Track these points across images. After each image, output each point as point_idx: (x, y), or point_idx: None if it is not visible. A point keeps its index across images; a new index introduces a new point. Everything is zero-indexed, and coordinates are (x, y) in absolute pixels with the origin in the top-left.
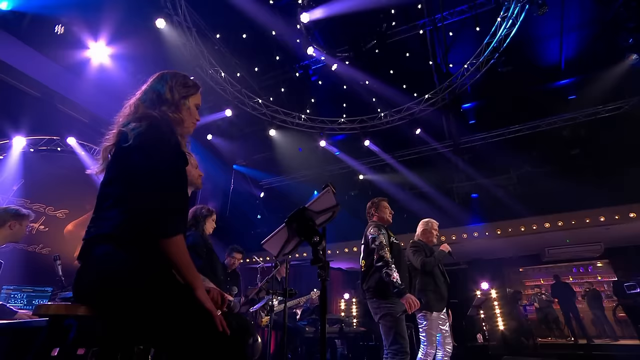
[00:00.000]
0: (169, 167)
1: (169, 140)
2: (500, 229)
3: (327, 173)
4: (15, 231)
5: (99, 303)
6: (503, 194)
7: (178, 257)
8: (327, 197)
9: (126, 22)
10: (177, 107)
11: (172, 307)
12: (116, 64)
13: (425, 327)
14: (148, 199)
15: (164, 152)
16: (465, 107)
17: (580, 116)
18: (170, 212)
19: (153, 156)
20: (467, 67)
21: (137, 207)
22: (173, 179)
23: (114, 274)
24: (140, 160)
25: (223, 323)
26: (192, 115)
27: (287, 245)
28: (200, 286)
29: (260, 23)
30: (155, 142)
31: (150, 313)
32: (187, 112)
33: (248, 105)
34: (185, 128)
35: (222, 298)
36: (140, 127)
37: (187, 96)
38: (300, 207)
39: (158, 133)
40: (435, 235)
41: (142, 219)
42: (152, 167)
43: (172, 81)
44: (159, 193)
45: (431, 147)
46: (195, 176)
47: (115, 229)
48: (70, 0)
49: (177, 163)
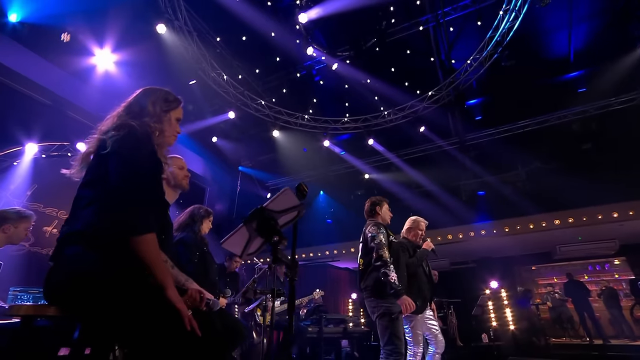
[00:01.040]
0: (142, 170)
1: (145, 146)
2: (508, 226)
3: (332, 173)
4: (11, 234)
5: (67, 304)
6: (511, 191)
7: (147, 256)
8: (287, 197)
9: (130, 29)
10: (159, 119)
11: (139, 308)
12: (121, 70)
13: (410, 327)
14: (120, 199)
15: (139, 157)
16: (471, 104)
17: (591, 109)
18: (140, 212)
19: (128, 161)
20: (470, 62)
21: (109, 206)
22: (146, 181)
23: (81, 275)
24: (116, 164)
25: (193, 323)
26: (173, 128)
27: (251, 245)
28: (171, 285)
29: (261, 25)
30: (131, 148)
31: (117, 313)
32: (168, 124)
33: (251, 107)
34: (166, 138)
35: (201, 297)
36: (118, 134)
37: (169, 110)
38: (258, 206)
39: (135, 140)
40: (421, 236)
41: (113, 217)
42: (127, 170)
43: (154, 96)
44: (131, 193)
45: (436, 144)
46: (180, 177)
47: (87, 226)
48: (76, 9)
49: (151, 168)
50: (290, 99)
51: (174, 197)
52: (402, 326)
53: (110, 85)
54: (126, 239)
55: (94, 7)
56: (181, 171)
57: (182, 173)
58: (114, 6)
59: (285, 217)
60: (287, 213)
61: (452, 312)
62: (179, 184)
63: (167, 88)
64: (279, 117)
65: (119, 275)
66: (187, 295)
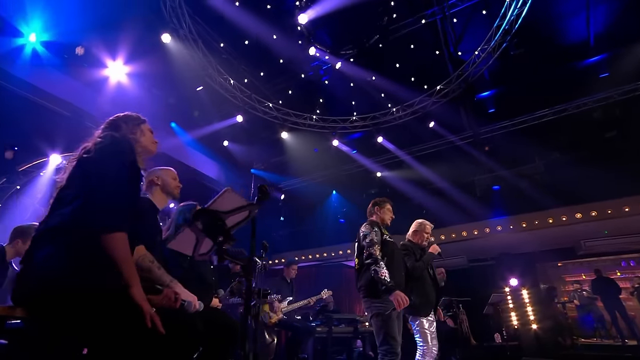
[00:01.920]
0: (119, 174)
1: (125, 154)
2: (525, 221)
3: (344, 172)
4: (19, 249)
5: (35, 308)
6: (528, 184)
7: (116, 253)
8: (230, 197)
9: (139, 40)
10: (133, 133)
11: (104, 308)
12: (133, 82)
13: (419, 329)
14: (97, 198)
15: (118, 162)
16: (484, 96)
17: (615, 94)
18: (112, 211)
19: (108, 165)
20: (478, 53)
21: (85, 205)
22: (121, 184)
23: (51, 282)
24: (96, 167)
25: (155, 320)
26: (149, 137)
27: (202, 246)
28: (136, 284)
29: (263, 28)
30: (112, 154)
31: (84, 315)
32: (142, 135)
33: (259, 110)
34: (145, 147)
35: (175, 297)
36: (103, 142)
37: (139, 124)
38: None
39: (116, 147)
40: (427, 238)
41: (87, 215)
42: (105, 173)
43: (122, 117)
44: (106, 194)
45: (448, 140)
46: (172, 186)
47: (62, 223)
48: (88, 25)
49: (129, 173)
50: (297, 100)
51: (164, 203)
52: (397, 326)
53: (123, 95)
54: (97, 236)
55: (105, 22)
56: (174, 181)
57: (174, 183)
58: (123, 19)
59: (234, 217)
60: (236, 213)
61: (462, 310)
62: (171, 193)
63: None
64: (287, 119)
65: (86, 278)
66: (162, 296)
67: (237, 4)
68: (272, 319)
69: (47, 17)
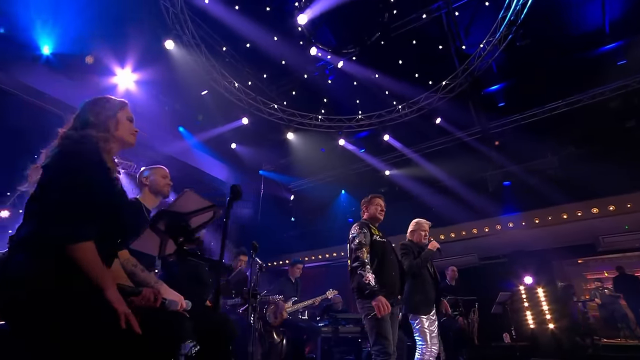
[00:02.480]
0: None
1: (84, 157)
2: (538, 217)
3: (353, 171)
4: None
5: (6, 313)
6: (540, 180)
7: (83, 262)
8: (191, 198)
9: (144, 48)
10: (104, 127)
11: (75, 311)
12: (140, 88)
13: (419, 327)
14: (56, 209)
15: (75, 168)
16: (492, 90)
17: (634, 82)
18: (75, 221)
19: (64, 172)
20: (483, 46)
21: (47, 216)
22: (80, 191)
23: (21, 288)
24: (52, 175)
25: (131, 321)
26: (127, 128)
27: (166, 246)
28: (109, 287)
29: (263, 30)
30: (68, 160)
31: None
32: (118, 126)
33: (264, 112)
34: (121, 139)
35: (155, 297)
36: (56, 148)
37: (114, 114)
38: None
39: (72, 152)
40: (425, 236)
41: (50, 227)
42: (62, 181)
43: (95, 106)
44: (66, 204)
45: (456, 136)
46: (161, 185)
47: (30, 235)
48: (97, 34)
49: (90, 177)
50: (302, 101)
51: (154, 203)
52: (389, 326)
53: (132, 103)
54: (63, 246)
55: (112, 31)
56: (163, 179)
57: (163, 181)
58: (129, 28)
59: (198, 218)
60: (199, 214)
61: (475, 309)
62: (160, 191)
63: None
64: (292, 119)
65: (58, 284)
66: (141, 296)
67: (237, 8)
68: (277, 320)
69: (58, 29)
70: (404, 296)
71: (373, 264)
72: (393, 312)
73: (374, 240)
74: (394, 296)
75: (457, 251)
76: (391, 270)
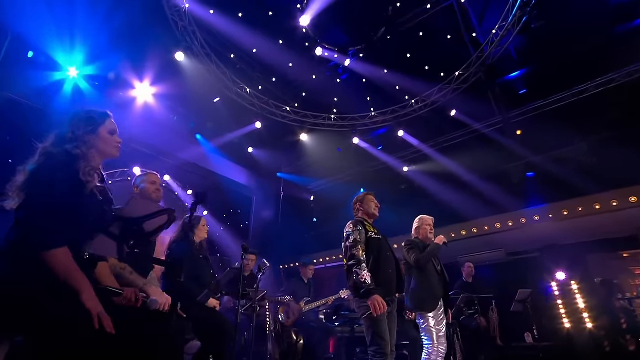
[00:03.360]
0: (54, 194)
1: (59, 172)
2: (567, 209)
3: (371, 169)
4: None
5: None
6: (568, 168)
7: (57, 268)
8: (139, 204)
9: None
10: (83, 142)
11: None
12: (158, 100)
13: (425, 326)
14: (31, 220)
15: (49, 183)
16: (512, 77)
17: None
18: (48, 229)
19: (39, 187)
20: (496, 32)
21: (24, 227)
22: (53, 202)
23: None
24: (29, 190)
25: (104, 321)
26: (108, 142)
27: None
28: (84, 290)
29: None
30: (42, 175)
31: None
32: (99, 141)
33: (277, 115)
34: (103, 152)
35: (136, 298)
36: (34, 164)
37: (95, 129)
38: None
39: (47, 167)
40: (430, 231)
41: (26, 237)
42: (37, 195)
43: (76, 120)
44: (40, 215)
45: (474, 128)
46: (150, 191)
47: (10, 245)
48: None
49: (58, 189)
50: (313, 102)
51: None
52: (387, 326)
53: (151, 114)
54: (37, 254)
55: (129, 48)
56: (152, 186)
57: (152, 187)
58: (144, 44)
59: (152, 223)
60: (153, 218)
61: (494, 307)
62: (149, 197)
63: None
64: (305, 121)
65: (36, 289)
66: (122, 297)
67: (240, 15)
68: (290, 320)
69: (82, 52)
70: (409, 293)
71: (369, 261)
72: (391, 311)
73: (369, 237)
74: (391, 294)
75: (480, 247)
76: (388, 268)
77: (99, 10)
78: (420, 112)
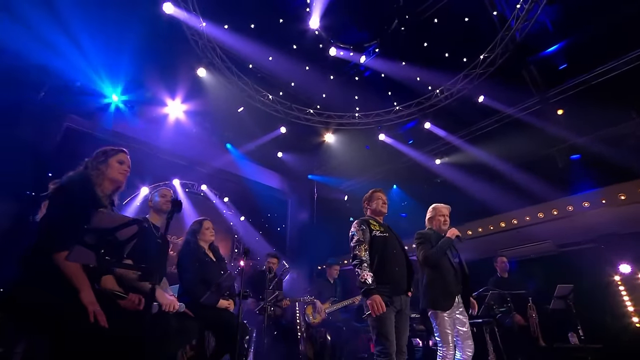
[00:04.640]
0: (61, 205)
1: (70, 187)
2: (624, 192)
3: (403, 165)
4: None
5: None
6: (622, 147)
7: (63, 268)
8: (104, 216)
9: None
10: (97, 169)
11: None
12: (187, 115)
13: (437, 326)
14: (46, 227)
15: (61, 195)
16: (550, 52)
17: None
18: (56, 237)
19: (54, 198)
20: (521, 6)
21: (39, 233)
22: (62, 212)
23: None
24: (50, 202)
25: (98, 317)
26: (116, 169)
27: (102, 257)
28: (84, 289)
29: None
30: (58, 190)
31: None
32: (107, 169)
33: (302, 118)
34: (112, 178)
35: (139, 301)
36: (57, 182)
37: (106, 159)
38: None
39: (64, 185)
40: (444, 222)
41: (40, 241)
42: (52, 205)
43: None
44: (52, 223)
45: (507, 113)
46: (161, 203)
47: (30, 251)
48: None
49: (70, 202)
50: (336, 102)
51: (159, 220)
52: (392, 326)
53: (183, 129)
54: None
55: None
56: (162, 199)
57: (163, 200)
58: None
59: (125, 232)
60: (125, 228)
61: (531, 305)
62: (160, 210)
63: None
64: (330, 122)
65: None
66: (127, 300)
67: (252, 26)
68: (315, 320)
69: (121, 78)
70: (422, 291)
71: (374, 260)
72: (401, 310)
73: (373, 236)
74: (399, 293)
75: (523, 240)
76: (395, 266)
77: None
78: (446, 102)
